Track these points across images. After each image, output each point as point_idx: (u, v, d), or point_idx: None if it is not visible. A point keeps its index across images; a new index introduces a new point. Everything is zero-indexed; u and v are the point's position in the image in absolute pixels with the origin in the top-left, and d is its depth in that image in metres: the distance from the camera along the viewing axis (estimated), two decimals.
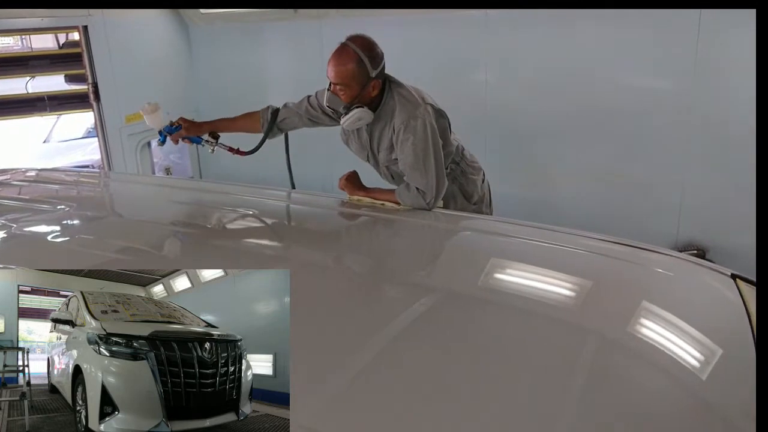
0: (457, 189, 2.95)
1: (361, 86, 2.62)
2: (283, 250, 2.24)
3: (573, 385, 1.29)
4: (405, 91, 2.69)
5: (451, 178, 2.88)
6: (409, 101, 2.64)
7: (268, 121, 3.06)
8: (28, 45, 7.05)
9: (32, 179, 3.25)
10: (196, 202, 2.90)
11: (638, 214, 4.29)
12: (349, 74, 2.59)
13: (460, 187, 2.96)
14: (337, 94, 2.66)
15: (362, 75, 2.60)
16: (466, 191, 2.98)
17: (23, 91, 5.81)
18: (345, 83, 2.61)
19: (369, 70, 2.60)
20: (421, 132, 2.59)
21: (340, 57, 2.60)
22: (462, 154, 2.98)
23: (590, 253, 2.06)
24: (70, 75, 5.58)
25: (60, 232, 2.21)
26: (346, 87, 2.62)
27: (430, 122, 2.63)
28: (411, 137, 2.60)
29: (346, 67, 2.59)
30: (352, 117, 2.66)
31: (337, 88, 2.65)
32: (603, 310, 1.67)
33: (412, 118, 2.60)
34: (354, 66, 2.58)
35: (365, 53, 2.59)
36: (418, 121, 2.59)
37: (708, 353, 1.46)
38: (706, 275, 1.90)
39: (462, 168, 2.96)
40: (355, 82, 2.61)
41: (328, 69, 2.64)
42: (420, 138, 2.59)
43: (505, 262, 2.07)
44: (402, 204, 2.62)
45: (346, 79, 2.61)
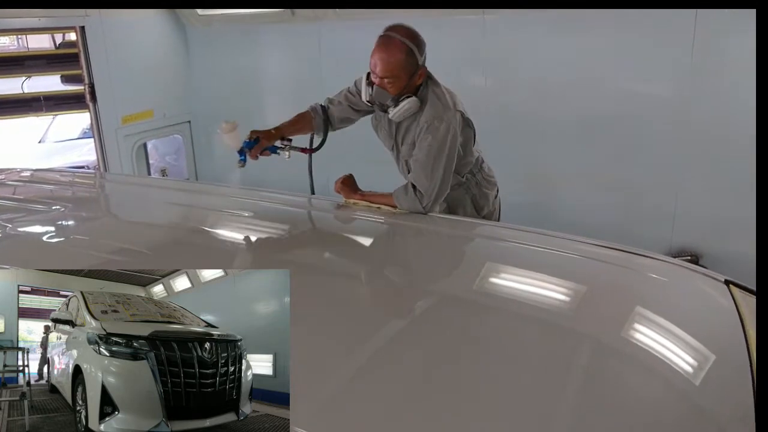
0: (469, 199, 2.94)
1: (410, 76, 2.59)
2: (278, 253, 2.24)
3: (567, 390, 1.30)
4: (440, 90, 2.67)
5: (465, 188, 2.89)
6: (441, 101, 2.62)
7: (321, 116, 2.99)
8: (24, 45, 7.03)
9: (27, 179, 3.24)
10: (191, 204, 2.90)
11: (632, 220, 4.31)
12: (400, 65, 2.56)
13: (473, 198, 2.96)
14: (385, 87, 2.61)
15: (411, 64, 2.57)
16: (477, 203, 2.97)
17: (19, 91, 5.80)
18: (395, 75, 2.57)
19: (417, 58, 2.58)
20: (442, 135, 2.58)
21: (389, 49, 2.56)
22: (480, 166, 2.97)
23: (585, 258, 2.06)
24: (67, 75, 5.57)
25: (54, 232, 2.20)
26: (396, 78, 2.58)
27: (454, 129, 2.61)
28: (430, 137, 2.58)
29: (396, 59, 2.55)
30: (402, 108, 2.63)
31: (384, 81, 2.60)
32: (597, 315, 1.67)
33: (437, 119, 2.58)
34: (403, 56, 2.55)
35: (412, 42, 2.56)
36: (443, 123, 2.58)
37: (701, 359, 1.46)
38: (700, 281, 1.91)
39: (478, 180, 2.95)
40: (404, 73, 2.58)
41: (373, 63, 2.59)
42: (439, 141, 2.58)
43: (500, 266, 2.07)
44: (398, 207, 2.62)
45: (396, 71, 2.57)
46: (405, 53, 2.55)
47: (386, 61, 2.56)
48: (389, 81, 2.59)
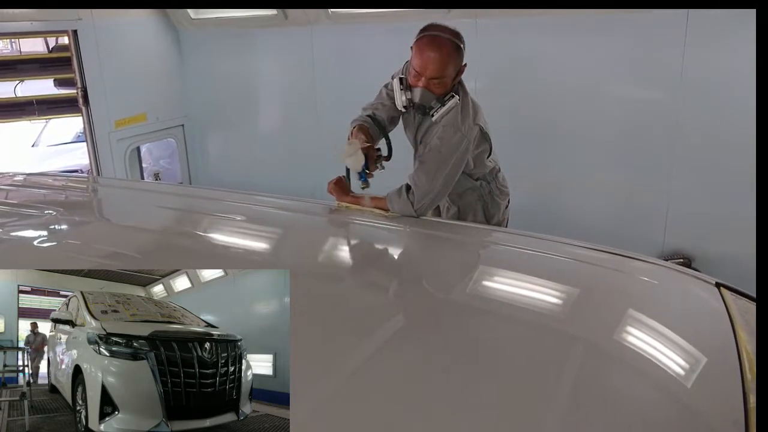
0: (480, 207, 2.95)
1: (457, 73, 2.58)
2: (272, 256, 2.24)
3: (559, 393, 1.30)
4: (467, 100, 2.66)
5: (477, 194, 2.90)
6: (463, 111, 2.61)
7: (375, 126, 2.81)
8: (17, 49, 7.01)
9: (20, 184, 3.22)
10: (185, 208, 2.89)
11: (625, 223, 4.33)
12: (450, 65, 2.53)
13: (484, 206, 2.96)
14: (431, 88, 2.56)
15: (459, 62, 2.56)
16: (488, 211, 2.97)
17: (12, 95, 5.78)
18: (446, 73, 2.54)
19: (463, 55, 2.57)
20: (454, 144, 2.57)
21: (440, 48, 2.51)
22: (496, 176, 2.98)
23: (577, 262, 2.07)
24: (60, 79, 5.56)
25: (47, 237, 2.19)
26: (446, 77, 2.55)
27: (468, 142, 2.60)
28: (441, 141, 2.57)
29: (447, 58, 2.52)
30: (448, 108, 2.58)
31: (433, 82, 2.55)
32: (589, 317, 1.68)
33: (454, 127, 2.58)
34: (454, 54, 2.53)
35: (458, 39, 2.54)
36: (458, 134, 2.57)
37: (692, 361, 1.47)
38: (691, 284, 1.91)
39: (491, 188, 2.96)
40: (453, 71, 2.56)
41: (421, 64, 2.52)
42: (449, 148, 2.57)
43: (492, 269, 2.08)
44: (391, 209, 2.62)
45: (448, 69, 2.54)
46: (455, 51, 2.53)
47: (438, 61, 2.51)
48: (438, 81, 2.55)
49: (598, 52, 4.24)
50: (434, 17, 4.51)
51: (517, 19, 4.38)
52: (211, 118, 5.99)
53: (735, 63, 3.76)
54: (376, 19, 4.71)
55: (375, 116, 2.82)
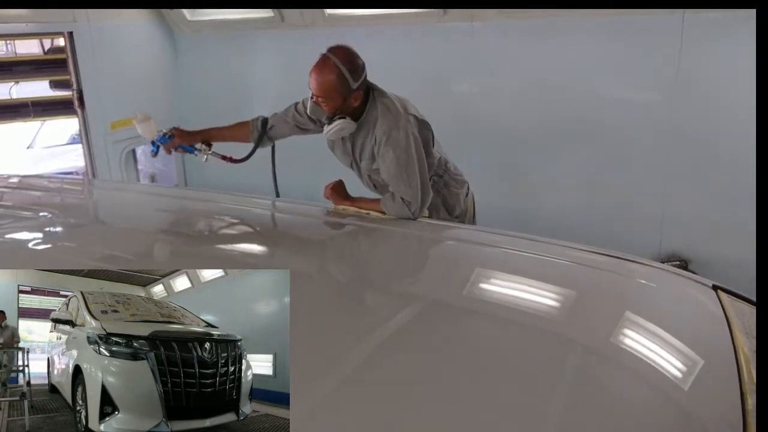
0: (440, 201, 2.95)
1: (343, 98, 2.63)
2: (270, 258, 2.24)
3: (556, 395, 1.31)
4: (388, 100, 2.69)
5: (434, 190, 2.88)
6: (391, 111, 2.65)
7: (259, 130, 3.06)
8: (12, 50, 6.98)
9: (15, 186, 3.22)
10: (180, 210, 2.89)
11: (621, 226, 4.34)
12: (331, 87, 2.60)
13: (443, 199, 2.97)
14: (319, 105, 2.67)
15: (343, 87, 2.60)
16: (448, 204, 2.99)
17: (7, 97, 5.77)
18: (326, 95, 2.62)
19: (350, 83, 2.60)
20: (403, 142, 2.60)
21: (321, 70, 2.61)
22: (445, 166, 2.99)
23: (573, 264, 2.07)
24: (55, 81, 5.55)
25: (42, 239, 2.19)
26: (328, 99, 2.63)
27: (413, 132, 2.64)
28: (392, 148, 2.60)
29: (327, 80, 2.59)
30: (335, 128, 2.68)
31: (319, 100, 2.65)
32: (586, 320, 1.68)
33: (393, 128, 2.61)
34: (335, 78, 2.58)
35: (346, 66, 2.59)
36: (400, 131, 2.60)
37: (689, 364, 1.48)
38: (688, 286, 1.92)
39: (445, 180, 2.97)
40: (336, 94, 2.61)
41: (309, 80, 2.64)
42: (402, 148, 2.60)
43: (489, 271, 2.08)
44: (387, 213, 2.63)
45: (328, 91, 2.61)
46: (336, 75, 2.59)
47: (318, 81, 2.62)
48: (322, 100, 2.65)
49: (594, 55, 4.25)
50: (430, 19, 4.55)
51: (513, 22, 4.39)
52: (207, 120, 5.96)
53: (731, 65, 3.78)
54: (373, 21, 4.71)
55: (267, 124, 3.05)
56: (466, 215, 3.11)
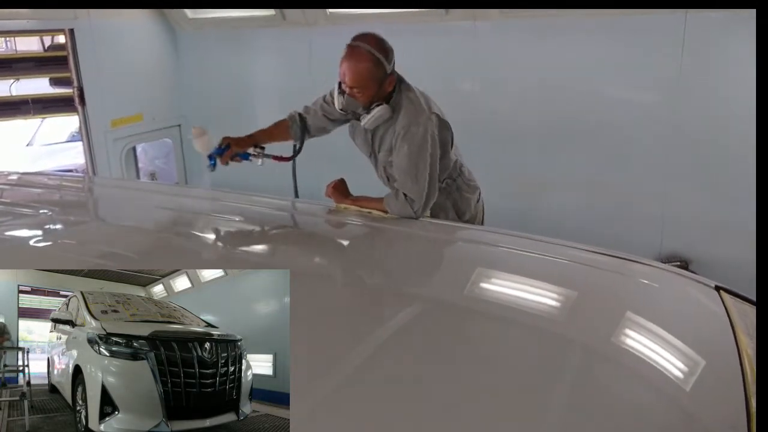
0: (450, 204, 2.93)
1: (379, 85, 2.60)
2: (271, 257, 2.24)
3: (557, 396, 1.30)
4: (413, 95, 2.67)
5: (446, 192, 2.88)
6: (414, 106, 2.63)
7: (298, 124, 2.99)
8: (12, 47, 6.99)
9: (14, 183, 3.21)
10: (181, 208, 2.88)
11: (622, 226, 4.34)
12: (367, 75, 2.56)
13: (454, 203, 2.95)
14: (354, 96, 2.62)
15: (379, 72, 2.58)
16: (459, 208, 2.96)
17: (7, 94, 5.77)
18: (363, 84, 2.58)
19: (385, 67, 2.58)
20: (420, 139, 2.58)
21: (355, 59, 2.57)
22: (460, 170, 2.97)
23: (575, 264, 2.07)
24: (55, 78, 5.55)
25: (42, 236, 2.19)
26: (364, 87, 2.59)
27: (432, 131, 2.61)
28: (408, 143, 2.58)
29: (363, 68, 2.56)
30: (374, 116, 2.64)
31: (354, 91, 2.61)
32: (588, 320, 1.68)
33: (413, 124, 2.59)
34: (371, 65, 2.55)
35: (379, 51, 2.56)
36: (419, 128, 2.58)
37: (692, 365, 1.47)
38: (691, 287, 1.92)
39: (458, 184, 2.95)
40: (372, 82, 2.58)
41: (341, 73, 2.60)
42: (417, 145, 2.58)
43: (491, 271, 2.08)
44: (389, 212, 2.62)
45: (364, 80, 2.57)
46: (371, 62, 2.56)
47: (353, 71, 2.57)
48: (358, 90, 2.60)
49: (596, 55, 4.25)
50: (432, 19, 4.55)
51: (515, 22, 4.38)
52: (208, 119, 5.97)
53: (732, 65, 3.78)
54: (375, 20, 4.70)
55: (304, 118, 2.96)
56: (475, 221, 3.08)
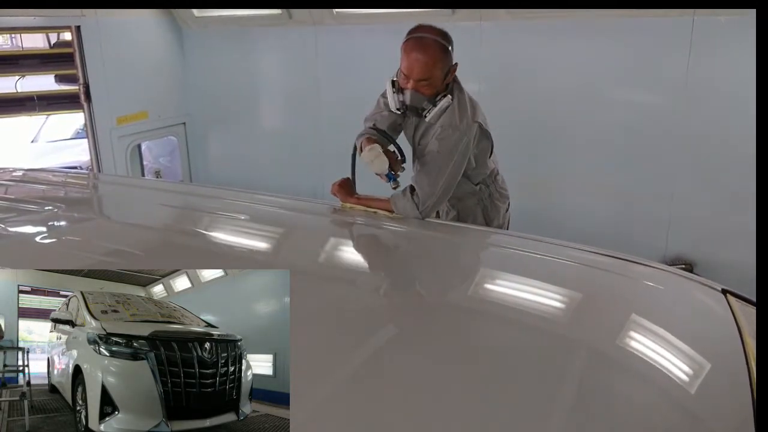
0: (480, 211, 2.93)
1: (445, 74, 2.58)
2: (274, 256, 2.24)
3: (563, 398, 1.30)
4: (463, 97, 2.65)
5: (477, 197, 2.88)
6: (460, 109, 2.61)
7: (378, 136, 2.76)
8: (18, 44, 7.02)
9: (19, 179, 3.21)
10: (186, 206, 2.89)
11: (627, 228, 4.33)
12: (438, 63, 2.53)
13: (484, 210, 2.94)
14: (420, 89, 2.57)
15: (447, 63, 2.56)
16: (488, 215, 2.96)
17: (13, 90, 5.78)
18: (432, 74, 2.54)
19: (452, 56, 2.57)
20: (453, 143, 2.56)
21: (425, 50, 2.52)
22: (495, 178, 2.96)
23: (581, 266, 2.06)
24: (61, 75, 5.56)
25: (47, 233, 2.19)
26: (433, 77, 2.55)
27: (467, 140, 2.59)
28: (440, 142, 2.57)
29: (434, 58, 2.53)
30: (440, 108, 2.59)
31: (421, 84, 2.56)
32: (593, 322, 1.67)
33: (453, 127, 2.57)
34: (441, 53, 2.53)
35: (444, 39, 2.55)
36: (456, 132, 2.57)
37: (698, 368, 1.47)
38: (697, 290, 1.91)
39: (491, 191, 2.94)
40: (440, 71, 2.56)
41: (408, 67, 2.54)
42: (449, 148, 2.56)
43: (496, 272, 2.08)
44: (395, 212, 2.62)
45: (433, 70, 2.54)
46: (442, 51, 2.54)
47: (424, 63, 2.52)
48: (426, 83, 2.56)
49: (603, 56, 4.24)
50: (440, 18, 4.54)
51: (522, 22, 4.37)
52: (213, 117, 5.98)
53: (739, 67, 3.76)
54: (381, 19, 4.70)
55: (377, 127, 2.80)
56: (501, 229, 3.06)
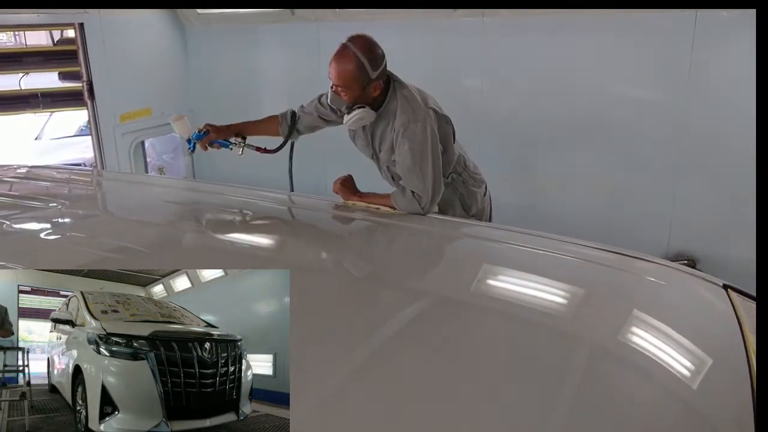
0: (457, 199, 2.94)
1: (362, 87, 2.61)
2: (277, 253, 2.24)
3: (564, 394, 1.30)
4: (408, 92, 2.67)
5: (452, 187, 2.89)
6: (410, 103, 2.63)
7: (288, 122, 3.05)
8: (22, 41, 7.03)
9: (23, 176, 3.22)
10: (189, 202, 2.89)
11: (629, 224, 4.32)
12: (350, 76, 2.58)
13: (461, 198, 2.96)
14: (339, 94, 2.66)
15: (362, 77, 2.59)
16: (465, 203, 2.97)
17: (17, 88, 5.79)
18: (346, 85, 2.61)
19: (369, 72, 2.58)
20: (420, 135, 2.58)
21: (340, 59, 2.59)
22: (465, 164, 2.97)
23: (583, 261, 2.06)
24: (64, 72, 5.57)
25: (51, 229, 2.19)
26: (347, 88, 2.61)
27: (431, 126, 2.62)
28: (409, 140, 2.59)
29: (346, 69, 2.58)
30: (354, 117, 2.66)
31: (338, 89, 2.64)
32: (595, 318, 1.67)
33: (412, 121, 2.59)
34: (354, 68, 2.57)
35: (365, 55, 2.57)
36: (418, 124, 2.59)
37: (699, 363, 1.47)
38: (698, 285, 1.91)
39: (464, 178, 2.95)
40: (355, 84, 2.60)
41: (329, 70, 2.62)
42: (419, 141, 2.58)
43: (497, 268, 2.07)
44: (397, 208, 2.62)
45: (347, 81, 2.60)
46: (355, 65, 2.57)
47: (337, 71, 2.61)
48: (342, 90, 2.64)
49: (605, 53, 4.23)
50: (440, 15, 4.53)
51: (524, 18, 4.35)
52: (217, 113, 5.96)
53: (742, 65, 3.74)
54: (384, 16, 4.68)
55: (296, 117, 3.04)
56: (483, 215, 3.09)
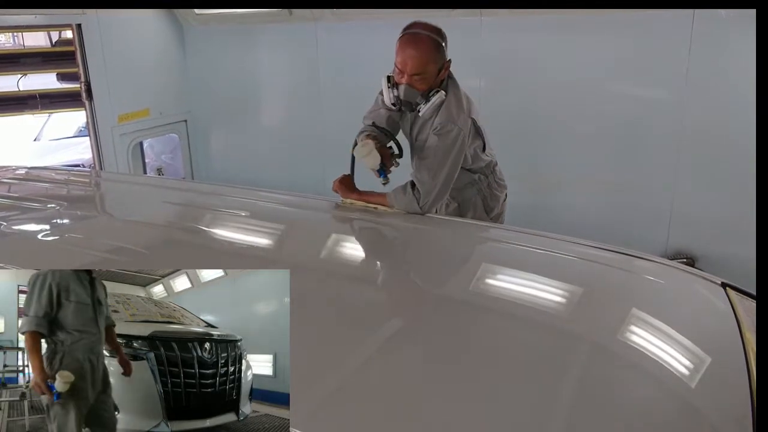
0: (480, 200, 2.97)
1: (439, 69, 2.60)
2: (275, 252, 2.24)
3: (563, 392, 1.30)
4: (460, 93, 2.69)
5: (477, 188, 2.92)
6: (456, 105, 2.64)
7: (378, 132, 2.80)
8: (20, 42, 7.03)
9: (22, 177, 3.22)
10: (187, 203, 2.89)
11: (628, 223, 4.32)
12: (431, 58, 2.56)
13: (484, 199, 2.98)
14: (414, 84, 2.60)
15: (441, 56, 2.58)
16: (488, 205, 3.00)
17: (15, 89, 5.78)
18: (425, 69, 2.57)
19: (444, 52, 2.59)
20: (451, 139, 2.59)
21: (418, 46, 2.55)
22: (494, 169, 3.00)
23: (582, 260, 2.07)
24: (62, 73, 5.56)
25: (49, 231, 2.19)
26: (426, 73, 2.58)
27: (464, 135, 2.62)
28: (440, 138, 2.60)
29: (427, 53, 2.55)
30: (433, 103, 2.62)
31: (414, 79, 2.58)
32: (594, 317, 1.68)
33: (451, 122, 2.60)
34: (434, 49, 2.56)
35: (438, 36, 2.57)
36: (455, 128, 2.59)
37: (698, 361, 1.47)
38: (697, 284, 1.91)
39: (489, 182, 2.98)
40: (434, 66, 2.58)
41: (402, 62, 2.57)
42: (448, 144, 2.59)
43: (497, 267, 2.07)
44: (395, 207, 2.62)
45: (427, 65, 2.57)
46: (434, 47, 2.56)
47: (417, 58, 2.55)
48: (419, 78, 2.58)
49: (604, 51, 4.23)
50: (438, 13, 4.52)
51: (522, 18, 4.35)
52: (215, 114, 5.98)
53: (740, 63, 3.74)
54: (382, 15, 4.68)
55: (375, 124, 2.84)
56: (500, 218, 3.12)
